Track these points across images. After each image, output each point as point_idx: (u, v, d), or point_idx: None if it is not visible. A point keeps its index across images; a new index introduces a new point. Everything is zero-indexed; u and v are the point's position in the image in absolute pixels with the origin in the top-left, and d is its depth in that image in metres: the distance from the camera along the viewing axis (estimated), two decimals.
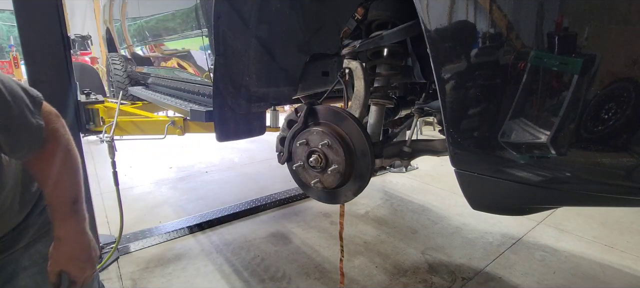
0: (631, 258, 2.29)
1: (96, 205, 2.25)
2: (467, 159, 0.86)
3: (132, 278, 2.10)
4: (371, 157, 1.08)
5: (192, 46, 2.04)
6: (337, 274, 2.08)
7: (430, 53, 0.80)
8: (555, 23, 0.65)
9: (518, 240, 2.52)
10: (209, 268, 2.19)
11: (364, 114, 1.22)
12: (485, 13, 0.71)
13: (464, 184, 0.89)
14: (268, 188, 3.59)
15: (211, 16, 1.31)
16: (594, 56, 0.62)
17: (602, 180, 0.71)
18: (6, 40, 10.97)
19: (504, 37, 0.70)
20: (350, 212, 2.97)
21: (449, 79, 0.79)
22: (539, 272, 2.14)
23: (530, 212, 0.99)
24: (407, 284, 2.05)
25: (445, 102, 0.81)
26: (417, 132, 5.15)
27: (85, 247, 0.82)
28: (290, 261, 2.29)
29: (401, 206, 3.17)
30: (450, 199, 3.29)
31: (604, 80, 0.62)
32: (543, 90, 0.69)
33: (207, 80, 1.95)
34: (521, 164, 0.77)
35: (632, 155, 0.64)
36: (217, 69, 1.37)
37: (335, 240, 2.52)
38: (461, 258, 2.31)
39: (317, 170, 1.15)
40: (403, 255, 2.36)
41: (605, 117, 0.63)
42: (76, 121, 2.00)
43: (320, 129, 1.12)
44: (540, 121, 0.70)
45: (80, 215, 0.81)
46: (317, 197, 1.27)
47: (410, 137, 1.35)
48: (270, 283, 2.07)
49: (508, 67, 0.71)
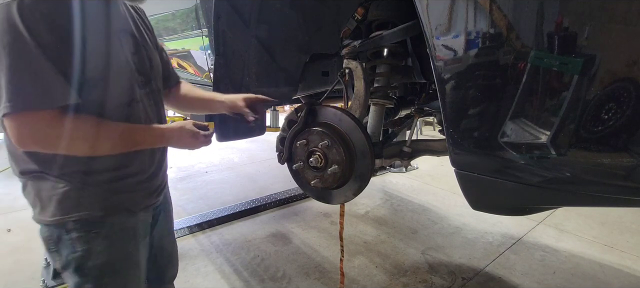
0: (631, 258, 2.29)
1: None
2: (467, 159, 0.86)
3: None
4: (371, 157, 1.08)
5: (192, 46, 2.04)
6: (337, 274, 2.08)
7: (430, 53, 0.80)
8: (555, 23, 0.65)
9: (518, 240, 2.52)
10: (209, 268, 2.19)
11: (364, 114, 1.22)
12: (485, 13, 0.71)
13: (464, 184, 0.89)
14: (268, 188, 3.59)
15: (211, 16, 1.31)
16: (594, 56, 0.62)
17: (602, 181, 0.71)
18: None
19: (504, 37, 0.70)
20: (350, 212, 2.97)
21: (448, 79, 0.79)
22: (539, 272, 2.14)
23: (530, 212, 0.99)
24: (407, 284, 2.05)
25: (445, 102, 0.81)
26: (417, 132, 5.15)
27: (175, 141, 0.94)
28: (290, 261, 2.29)
29: (401, 206, 3.17)
30: (450, 199, 3.29)
31: (604, 80, 0.62)
32: (543, 91, 0.69)
33: (207, 80, 1.95)
34: (521, 164, 0.77)
35: (632, 155, 0.64)
36: (217, 69, 1.37)
37: (335, 240, 2.52)
38: (461, 258, 2.31)
39: (317, 170, 1.15)
40: (403, 255, 2.36)
41: (605, 117, 0.63)
42: None
43: (320, 129, 1.12)
44: (540, 121, 0.70)
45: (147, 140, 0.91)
46: (317, 197, 1.27)
47: (410, 137, 1.35)
48: (270, 283, 2.07)
49: (508, 67, 0.71)
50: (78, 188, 0.83)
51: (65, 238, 0.84)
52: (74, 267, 0.86)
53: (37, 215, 0.85)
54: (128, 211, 0.92)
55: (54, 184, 0.82)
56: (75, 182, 0.83)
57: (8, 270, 2.19)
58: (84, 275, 0.87)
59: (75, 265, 0.86)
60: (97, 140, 0.81)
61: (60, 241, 0.85)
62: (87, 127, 0.79)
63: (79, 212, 0.84)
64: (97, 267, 0.87)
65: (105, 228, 0.87)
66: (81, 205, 0.84)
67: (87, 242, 0.85)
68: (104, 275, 0.88)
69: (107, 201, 0.87)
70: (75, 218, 0.83)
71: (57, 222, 0.83)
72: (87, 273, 0.87)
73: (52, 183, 0.82)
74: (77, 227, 0.84)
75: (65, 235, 0.84)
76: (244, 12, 1.34)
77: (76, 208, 0.83)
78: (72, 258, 0.85)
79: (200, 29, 1.80)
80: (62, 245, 0.85)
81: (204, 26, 1.74)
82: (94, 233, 0.86)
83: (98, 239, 0.86)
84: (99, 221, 0.87)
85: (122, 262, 0.92)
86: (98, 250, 0.86)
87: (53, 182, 0.82)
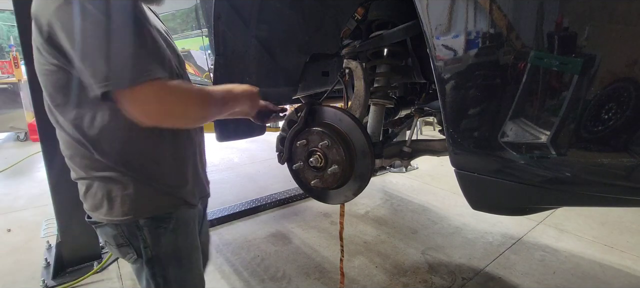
0: (631, 258, 2.29)
1: None
2: (467, 159, 0.85)
3: (132, 278, 2.10)
4: (371, 157, 1.08)
5: (192, 46, 2.04)
6: (337, 274, 2.08)
7: (430, 53, 0.80)
8: (555, 23, 0.65)
9: (518, 240, 2.52)
10: (209, 268, 2.17)
11: (364, 114, 1.22)
12: (485, 13, 0.71)
13: (464, 184, 0.89)
14: (268, 188, 3.59)
15: (211, 16, 1.31)
16: (594, 56, 0.62)
17: (602, 181, 0.71)
18: (6, 40, 10.97)
19: (504, 37, 0.70)
20: (350, 212, 2.97)
21: (448, 79, 0.79)
22: (538, 272, 2.14)
23: (530, 212, 0.99)
24: (407, 284, 2.05)
25: (445, 102, 0.81)
26: (417, 132, 5.15)
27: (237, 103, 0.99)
28: (290, 261, 2.29)
29: (401, 206, 3.17)
30: (450, 199, 3.29)
31: (604, 80, 0.62)
32: (543, 91, 0.68)
33: (207, 80, 1.95)
34: (521, 164, 0.77)
35: (632, 155, 0.64)
36: (217, 69, 1.37)
37: (335, 240, 2.52)
38: (461, 258, 2.31)
39: (317, 170, 1.15)
40: (403, 255, 2.36)
41: (605, 117, 0.63)
42: None
43: (320, 129, 1.12)
44: (540, 121, 0.70)
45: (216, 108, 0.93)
46: (317, 197, 1.27)
47: (410, 137, 1.35)
48: (270, 283, 2.07)
49: (508, 67, 0.71)
50: (147, 188, 0.90)
51: (138, 234, 0.92)
52: (147, 259, 0.94)
53: (103, 215, 0.89)
54: (189, 204, 1.00)
55: (123, 185, 0.87)
56: (144, 181, 0.89)
57: (8, 270, 2.19)
58: (155, 266, 0.95)
59: (147, 258, 0.94)
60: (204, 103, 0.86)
61: (132, 237, 0.92)
62: (194, 90, 0.84)
63: (150, 209, 0.91)
64: (166, 257, 0.95)
65: (171, 222, 0.95)
66: (151, 203, 0.91)
67: (157, 236, 0.93)
68: (173, 264, 0.97)
69: (172, 197, 0.95)
70: (147, 216, 0.91)
71: (130, 221, 0.89)
72: (158, 264, 0.95)
73: (121, 184, 0.87)
74: (148, 223, 0.91)
75: (137, 231, 0.91)
76: (244, 12, 1.34)
77: (147, 206, 0.91)
78: (144, 251, 0.93)
79: (200, 29, 1.80)
80: (133, 240, 0.93)
81: (204, 26, 1.74)
82: (162, 228, 0.94)
83: (166, 233, 0.94)
84: (166, 216, 0.94)
85: (187, 250, 1.01)
86: (166, 242, 0.95)
87: (122, 182, 0.87)
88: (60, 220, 2.09)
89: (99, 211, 0.89)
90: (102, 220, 0.90)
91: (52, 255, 2.17)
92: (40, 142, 1.97)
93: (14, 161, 4.62)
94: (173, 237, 0.96)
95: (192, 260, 1.04)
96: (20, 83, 5.46)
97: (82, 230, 2.15)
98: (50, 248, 2.31)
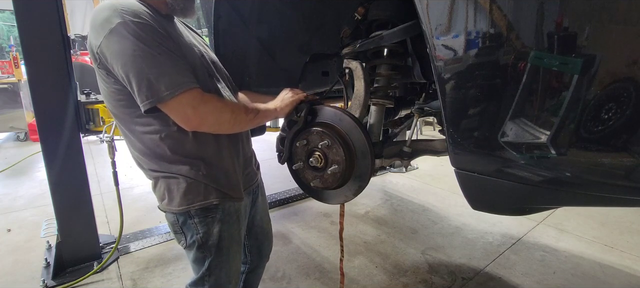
0: (631, 258, 2.29)
1: (96, 205, 2.24)
2: (467, 159, 0.85)
3: (132, 278, 2.10)
4: (371, 157, 1.08)
5: None
6: (337, 274, 2.08)
7: (430, 53, 0.80)
8: (555, 23, 0.65)
9: (518, 240, 2.52)
10: None
11: (364, 113, 1.22)
12: (485, 13, 0.71)
13: (464, 184, 0.89)
14: (268, 188, 3.57)
15: (211, 16, 1.31)
16: (593, 56, 0.62)
17: (602, 181, 0.71)
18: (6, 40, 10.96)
19: (504, 37, 0.70)
20: (350, 212, 2.97)
21: (449, 79, 0.79)
22: (539, 272, 2.14)
23: (530, 212, 0.99)
24: (407, 284, 2.05)
25: (445, 102, 0.81)
26: (417, 132, 5.15)
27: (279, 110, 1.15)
28: (290, 261, 2.29)
29: (401, 206, 3.17)
30: (450, 199, 3.29)
31: (604, 80, 0.62)
32: (543, 91, 0.68)
33: None
34: (521, 164, 0.77)
35: (632, 155, 0.64)
36: None
37: (335, 240, 2.52)
38: (461, 258, 2.31)
39: (317, 170, 1.15)
40: (403, 255, 2.36)
41: (605, 117, 0.63)
42: (76, 121, 2.00)
43: (320, 129, 1.12)
44: (540, 121, 0.70)
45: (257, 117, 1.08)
46: (317, 197, 1.27)
47: (410, 137, 1.35)
48: (270, 283, 2.07)
49: (508, 67, 0.71)
50: (199, 183, 1.04)
51: (190, 223, 1.07)
52: (197, 245, 1.09)
53: (165, 205, 1.07)
54: (232, 198, 1.11)
55: (179, 181, 1.03)
56: (194, 178, 1.03)
57: (8, 270, 2.19)
58: (203, 251, 1.10)
59: (198, 244, 1.09)
60: (235, 116, 1.00)
61: (185, 225, 1.07)
62: (227, 103, 1.02)
63: (201, 201, 1.05)
64: (214, 245, 1.09)
65: (219, 213, 1.08)
66: (201, 196, 1.05)
67: (206, 225, 1.07)
68: (218, 252, 1.10)
69: (220, 191, 1.07)
70: (198, 207, 1.05)
71: (183, 211, 1.05)
72: (206, 250, 1.09)
73: (177, 180, 1.03)
74: (198, 213, 1.06)
75: (189, 220, 1.06)
76: (244, 12, 1.34)
77: (198, 198, 1.04)
78: (195, 238, 1.08)
79: (200, 29, 1.80)
80: (186, 228, 1.08)
81: (204, 26, 1.74)
82: (211, 218, 1.07)
83: (214, 223, 1.08)
84: (214, 207, 1.07)
85: (231, 240, 1.13)
86: (214, 232, 1.08)
87: (178, 179, 1.03)
88: (60, 220, 2.08)
89: (162, 202, 1.07)
90: (165, 209, 1.07)
91: (52, 255, 2.17)
92: (40, 142, 1.96)
93: (14, 161, 4.62)
94: (220, 227, 1.09)
95: (231, 251, 1.15)
96: (20, 83, 5.46)
97: (82, 230, 2.16)
98: (50, 248, 2.31)
